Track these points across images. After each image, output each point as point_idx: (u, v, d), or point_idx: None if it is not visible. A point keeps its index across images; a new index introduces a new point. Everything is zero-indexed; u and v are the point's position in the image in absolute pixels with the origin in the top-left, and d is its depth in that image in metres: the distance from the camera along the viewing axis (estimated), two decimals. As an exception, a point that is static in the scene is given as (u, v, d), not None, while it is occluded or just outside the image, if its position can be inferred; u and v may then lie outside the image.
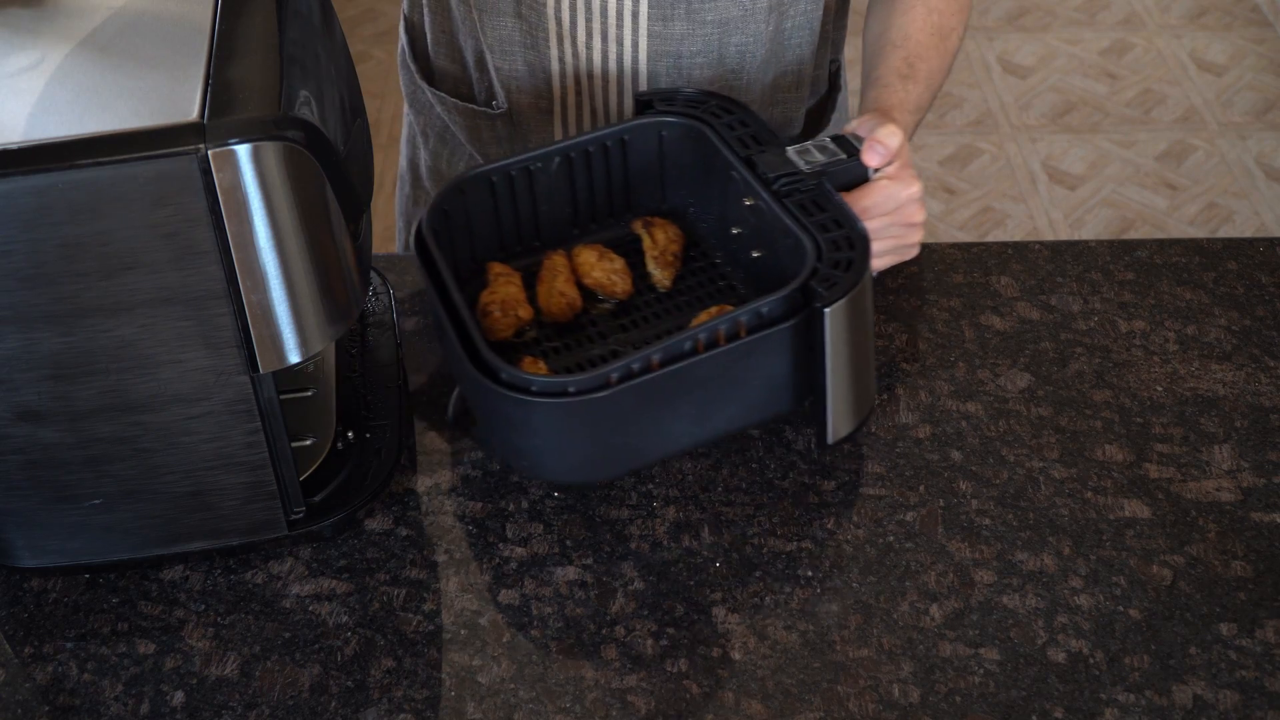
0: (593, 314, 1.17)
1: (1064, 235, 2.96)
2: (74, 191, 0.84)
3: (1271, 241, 1.35)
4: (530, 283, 1.18)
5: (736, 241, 1.17)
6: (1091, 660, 0.98)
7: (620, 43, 1.27)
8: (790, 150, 1.12)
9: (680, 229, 1.21)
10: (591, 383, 0.99)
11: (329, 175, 0.91)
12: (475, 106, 1.36)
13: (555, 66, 1.29)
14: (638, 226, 1.20)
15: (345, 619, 1.02)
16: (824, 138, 1.14)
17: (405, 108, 1.49)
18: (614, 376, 0.99)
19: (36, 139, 0.84)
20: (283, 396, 1.01)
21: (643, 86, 1.30)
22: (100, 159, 0.84)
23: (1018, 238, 2.94)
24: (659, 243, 1.18)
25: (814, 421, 1.09)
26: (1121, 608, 1.02)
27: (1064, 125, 3.28)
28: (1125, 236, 2.96)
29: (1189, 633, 1.00)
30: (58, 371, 0.92)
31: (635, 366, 0.99)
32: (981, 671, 0.98)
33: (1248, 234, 2.96)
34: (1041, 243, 1.34)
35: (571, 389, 0.99)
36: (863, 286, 1.02)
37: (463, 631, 1.01)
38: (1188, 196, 3.06)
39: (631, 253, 1.21)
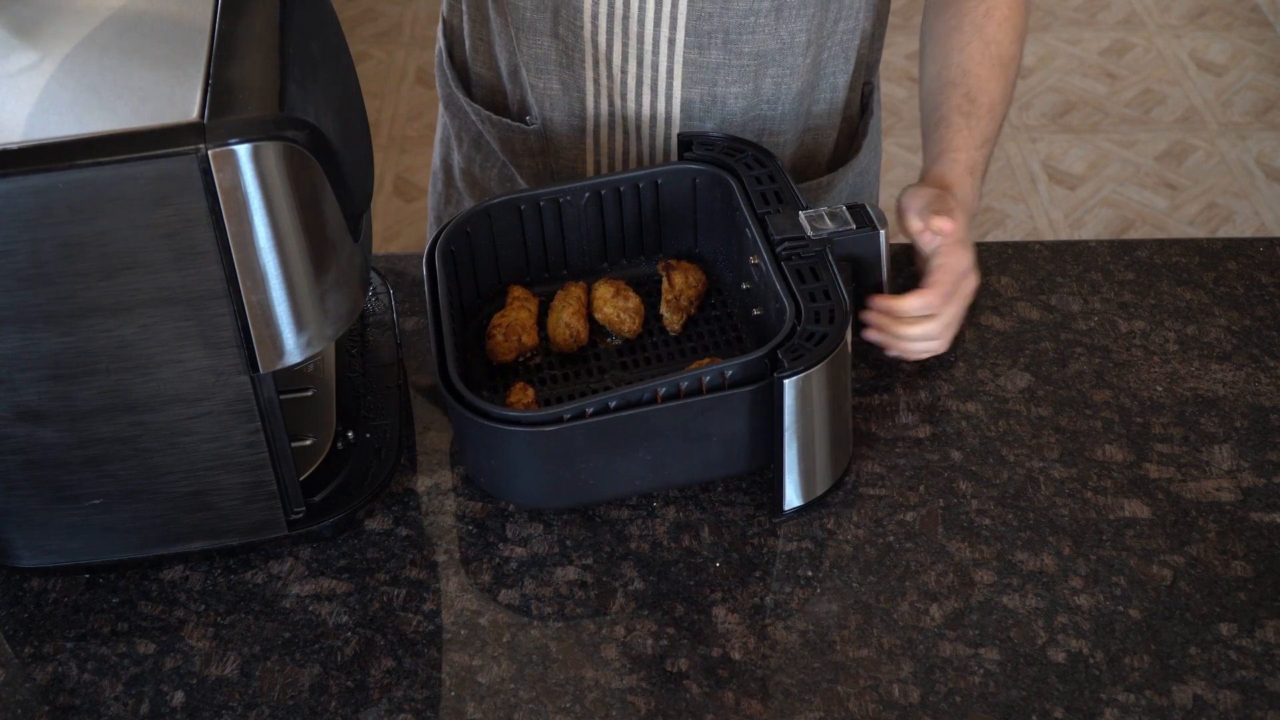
0: (599, 348, 1.19)
1: (1064, 235, 2.96)
2: (74, 191, 0.84)
3: (1271, 241, 1.35)
4: (547, 309, 1.20)
5: (746, 296, 1.19)
6: (1091, 660, 0.98)
7: (656, 68, 1.26)
8: (803, 215, 1.13)
9: (705, 275, 1.23)
10: (544, 417, 1.01)
11: (329, 175, 0.91)
12: (509, 121, 1.35)
13: (590, 88, 1.29)
14: (660, 267, 1.23)
15: (345, 619, 1.02)
16: (841, 205, 1.14)
17: (441, 108, 1.49)
18: (566, 415, 1.01)
19: (36, 139, 0.84)
20: (283, 396, 1.01)
21: (677, 112, 1.30)
22: (100, 159, 0.84)
23: (1018, 238, 2.94)
24: (675, 286, 1.20)
25: (770, 488, 1.10)
26: (1121, 608, 1.02)
27: (1064, 125, 3.28)
28: (1125, 236, 2.96)
29: (1189, 633, 1.00)
30: (58, 371, 0.92)
31: (589, 409, 1.01)
32: (981, 671, 0.98)
33: (1248, 234, 2.96)
34: (1041, 243, 1.34)
35: (524, 420, 1.01)
36: (835, 361, 1.02)
37: (463, 631, 1.01)
38: (1188, 196, 3.06)
39: (654, 291, 1.23)
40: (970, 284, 1.16)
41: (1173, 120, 3.29)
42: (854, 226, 1.12)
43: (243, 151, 0.85)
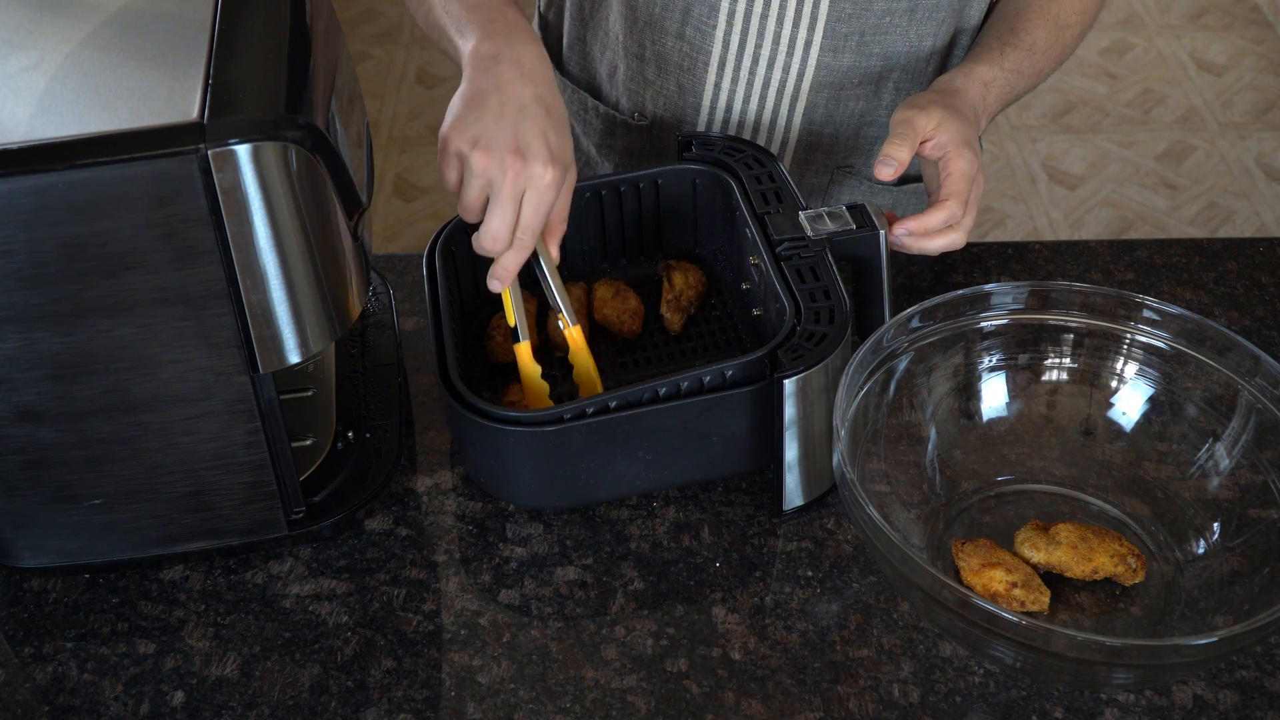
0: (600, 348, 1.19)
1: (1064, 235, 2.96)
2: (74, 191, 0.84)
3: (1271, 241, 1.35)
4: (547, 311, 1.20)
5: (746, 297, 1.19)
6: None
7: (787, 70, 1.26)
8: (803, 215, 1.13)
9: (705, 276, 1.23)
10: (544, 417, 1.01)
11: (329, 175, 0.91)
12: (618, 114, 1.36)
13: (709, 91, 1.29)
14: (660, 268, 1.23)
15: (345, 619, 1.02)
16: (841, 205, 1.14)
17: None
18: (566, 415, 1.01)
19: (36, 139, 0.84)
20: (283, 396, 1.01)
21: (798, 117, 1.30)
22: (100, 159, 0.84)
23: (1018, 238, 2.94)
24: (675, 286, 1.21)
25: (770, 488, 1.10)
26: (1122, 605, 1.02)
27: (1064, 125, 3.28)
28: (1125, 236, 2.96)
29: (1189, 631, 1.00)
30: (58, 371, 0.92)
31: (589, 409, 1.01)
32: (981, 671, 0.98)
33: (1248, 234, 2.96)
34: (1041, 243, 1.34)
35: (524, 420, 1.01)
36: (835, 361, 1.02)
37: (463, 631, 1.01)
38: (1188, 196, 3.06)
39: (654, 292, 1.23)
40: (980, 185, 1.16)
41: (1173, 120, 3.29)
42: (854, 227, 1.12)
43: (243, 151, 0.85)
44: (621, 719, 0.96)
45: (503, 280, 1.05)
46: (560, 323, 1.11)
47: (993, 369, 1.14)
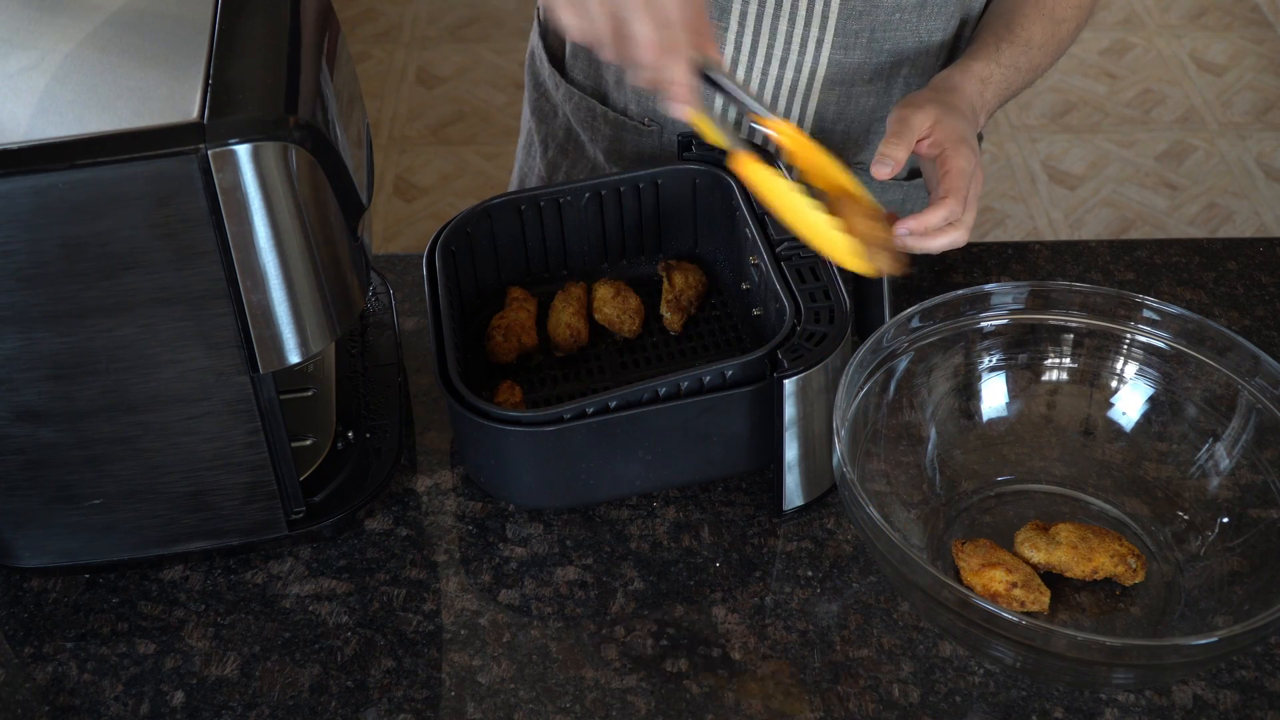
0: (600, 348, 1.20)
1: (1064, 235, 2.96)
2: (74, 191, 0.84)
3: (1271, 241, 1.35)
4: (547, 310, 1.21)
5: (746, 297, 1.19)
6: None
7: (799, 69, 1.26)
8: None
9: (705, 276, 1.23)
10: (544, 417, 1.01)
11: (329, 175, 0.91)
12: (627, 119, 1.36)
13: (720, 95, 1.29)
14: (660, 268, 1.23)
15: (345, 619, 1.02)
16: None
17: (526, 115, 1.48)
18: (566, 415, 1.01)
19: (36, 139, 0.84)
20: (283, 396, 1.01)
21: (810, 114, 1.30)
22: (100, 159, 0.84)
23: (1018, 238, 2.94)
24: (675, 286, 1.21)
25: (770, 488, 1.10)
26: (1122, 605, 1.02)
27: (1064, 125, 3.28)
28: (1125, 236, 2.96)
29: (1189, 631, 1.00)
30: (58, 371, 0.92)
31: (589, 409, 1.01)
32: (981, 671, 0.98)
33: (1248, 234, 2.96)
34: (1041, 243, 1.34)
35: (524, 420, 1.01)
36: (835, 361, 1.02)
37: (463, 631, 1.01)
38: (1188, 196, 3.06)
39: (654, 292, 1.23)
40: (979, 182, 1.15)
41: (1173, 120, 3.29)
42: None
43: (243, 151, 0.85)
44: (621, 719, 0.96)
45: (679, 95, 0.97)
46: (754, 122, 1.03)
47: (993, 369, 1.14)
